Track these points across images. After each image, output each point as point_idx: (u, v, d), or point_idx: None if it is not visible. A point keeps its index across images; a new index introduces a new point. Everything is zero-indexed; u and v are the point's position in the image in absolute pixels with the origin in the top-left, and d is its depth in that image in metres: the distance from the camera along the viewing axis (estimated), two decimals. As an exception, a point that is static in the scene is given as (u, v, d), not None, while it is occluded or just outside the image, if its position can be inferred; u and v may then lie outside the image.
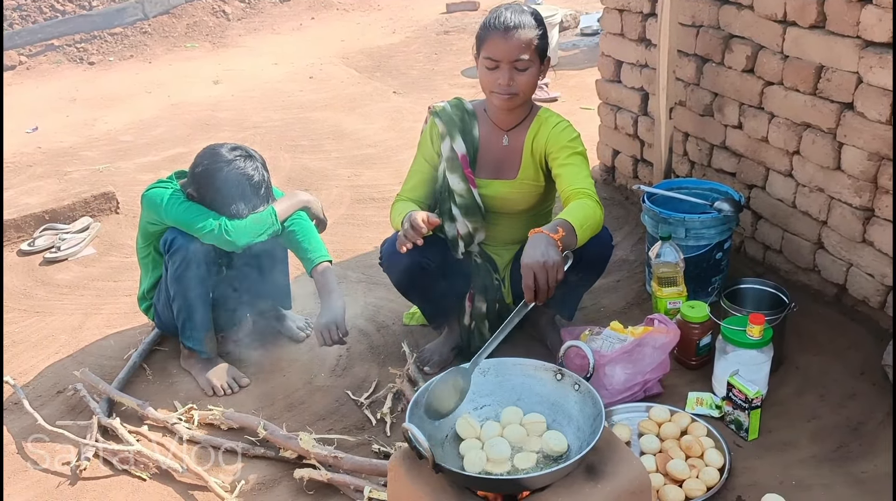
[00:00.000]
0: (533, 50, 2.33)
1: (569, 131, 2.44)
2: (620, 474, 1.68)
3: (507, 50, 2.30)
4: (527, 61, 2.33)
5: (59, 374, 2.84)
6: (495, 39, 2.31)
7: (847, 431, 2.30)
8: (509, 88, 2.34)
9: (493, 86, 2.36)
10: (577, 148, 2.41)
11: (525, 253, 1.94)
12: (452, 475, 1.63)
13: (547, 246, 1.94)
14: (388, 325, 3.01)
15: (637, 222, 3.44)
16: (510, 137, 2.51)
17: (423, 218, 2.22)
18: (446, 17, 7.99)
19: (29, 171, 4.77)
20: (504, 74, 2.33)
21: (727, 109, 3.05)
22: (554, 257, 1.91)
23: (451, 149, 2.49)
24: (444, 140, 2.50)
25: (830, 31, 2.54)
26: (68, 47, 7.44)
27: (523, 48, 2.31)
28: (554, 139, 2.43)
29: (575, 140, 2.43)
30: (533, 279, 1.89)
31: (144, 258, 2.73)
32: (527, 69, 2.34)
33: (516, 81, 2.34)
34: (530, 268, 1.90)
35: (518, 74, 2.34)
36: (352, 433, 2.45)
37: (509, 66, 2.32)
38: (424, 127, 2.63)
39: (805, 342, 2.67)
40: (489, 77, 2.36)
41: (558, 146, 2.41)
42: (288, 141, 5.06)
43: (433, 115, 2.54)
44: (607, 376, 2.45)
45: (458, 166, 2.49)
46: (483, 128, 2.53)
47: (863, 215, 2.59)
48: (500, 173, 2.54)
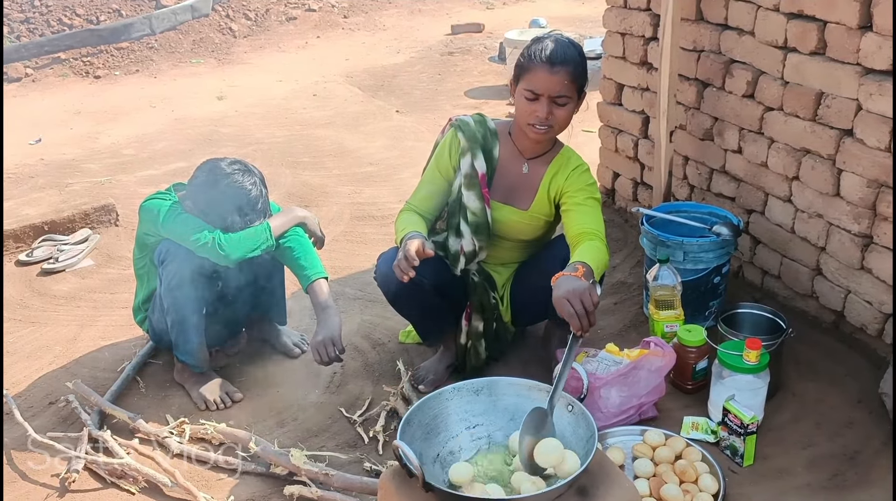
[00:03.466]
0: (574, 87, 2.33)
1: (588, 175, 2.48)
2: (612, 497, 1.66)
3: (549, 85, 2.29)
4: (567, 97, 2.32)
5: (51, 385, 2.82)
6: (539, 72, 2.29)
7: (843, 459, 2.28)
8: (546, 122, 2.33)
9: (531, 118, 2.35)
10: (594, 193, 2.44)
11: (554, 293, 1.97)
12: (442, 494, 1.61)
13: (572, 281, 1.97)
14: (384, 343, 3.00)
15: (636, 245, 3.43)
16: (530, 166, 2.51)
17: (417, 249, 2.22)
18: (451, 39, 8.04)
19: (30, 182, 4.78)
20: (543, 107, 2.31)
21: (727, 134, 3.06)
22: (583, 285, 1.95)
23: (471, 166, 2.48)
24: (464, 156, 2.49)
25: (831, 57, 2.55)
26: (74, 61, 7.48)
27: (566, 84, 2.30)
28: (573, 180, 2.45)
29: (593, 185, 2.46)
30: (571, 307, 1.90)
31: (140, 270, 2.73)
32: (566, 105, 2.34)
33: (554, 115, 2.33)
34: (564, 299, 1.92)
35: (557, 109, 2.33)
36: (344, 450, 2.43)
37: (549, 100, 2.31)
38: (440, 137, 2.61)
39: (802, 368, 2.66)
40: (527, 108, 2.34)
41: (576, 188, 2.44)
42: (289, 157, 5.07)
43: (455, 128, 2.52)
44: (602, 398, 2.43)
45: (476, 184, 2.48)
46: (504, 150, 2.53)
47: (861, 241, 2.58)
48: (513, 200, 2.54)
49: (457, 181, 2.51)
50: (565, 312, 1.91)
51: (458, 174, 2.51)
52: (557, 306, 1.93)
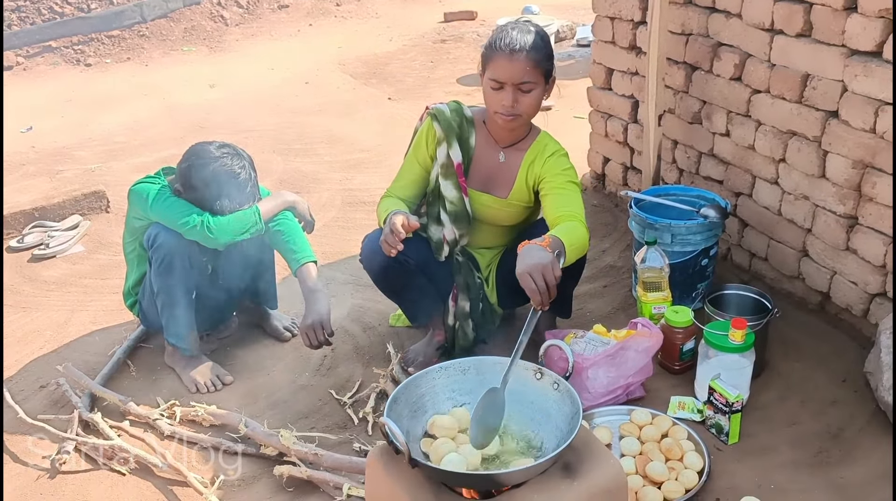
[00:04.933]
0: (538, 72, 2.32)
1: (565, 160, 2.47)
2: (596, 472, 1.68)
3: (511, 72, 2.29)
4: (531, 83, 2.32)
5: (42, 369, 2.83)
6: (500, 61, 2.30)
7: (827, 437, 2.31)
8: (513, 110, 2.34)
9: (497, 106, 2.35)
10: (572, 177, 2.44)
11: (518, 265, 1.95)
12: (429, 470, 1.63)
13: (537, 251, 1.96)
14: (374, 326, 3.01)
15: (625, 230, 3.45)
16: (507, 154, 2.52)
17: (403, 222, 2.23)
18: (444, 26, 8.02)
19: (22, 170, 4.78)
20: (508, 95, 2.31)
21: (715, 117, 3.07)
22: (546, 258, 1.93)
23: (447, 156, 2.49)
24: (440, 146, 2.49)
25: (816, 39, 2.56)
26: (66, 49, 7.45)
27: (528, 71, 2.29)
28: (550, 166, 2.45)
29: (570, 170, 2.46)
30: (533, 283, 1.89)
31: (130, 254, 2.73)
32: (531, 91, 2.34)
33: (520, 102, 2.33)
34: (526, 273, 1.91)
35: (522, 96, 2.33)
36: (334, 431, 2.45)
37: (514, 87, 2.31)
38: (419, 125, 2.62)
39: (788, 348, 2.68)
40: (493, 97, 2.35)
41: (553, 173, 2.43)
42: (281, 145, 5.07)
43: (431, 117, 2.52)
44: (590, 379, 2.45)
45: (452, 174, 2.49)
46: (480, 138, 2.53)
47: (847, 222, 2.60)
48: (491, 188, 2.54)
49: (434, 171, 2.52)
50: (527, 287, 1.90)
51: (436, 164, 2.51)
52: (521, 280, 1.92)
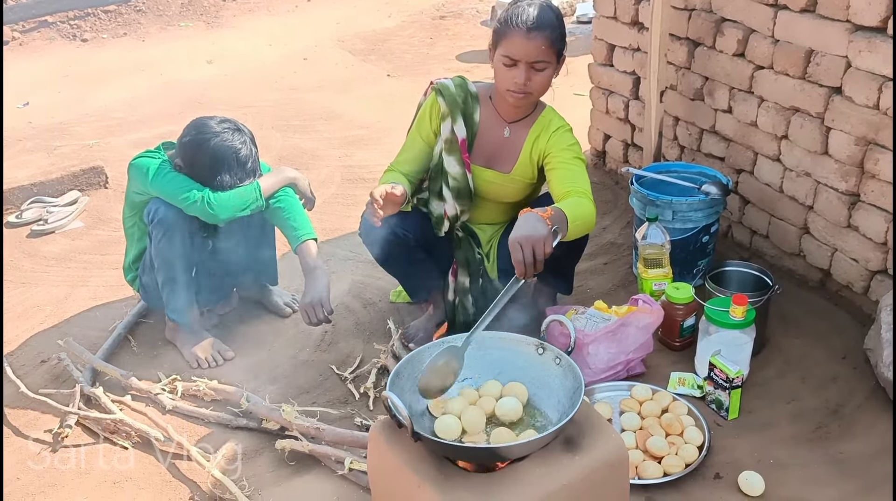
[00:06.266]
0: (552, 51, 2.30)
1: (571, 135, 2.46)
2: (598, 446, 1.69)
3: (526, 50, 2.26)
4: (545, 63, 2.30)
5: (43, 344, 2.84)
6: (516, 38, 2.26)
7: (826, 413, 2.32)
8: (525, 88, 2.31)
9: (509, 83, 2.32)
10: (578, 153, 2.42)
11: (512, 232, 1.92)
12: (431, 443, 1.64)
13: (535, 222, 1.92)
14: (375, 302, 3.01)
15: (626, 207, 3.44)
16: (512, 129, 2.50)
17: (382, 192, 2.20)
18: (442, 3, 7.95)
19: (18, 145, 4.75)
20: (521, 73, 2.29)
21: (717, 94, 3.05)
22: (541, 231, 1.89)
23: (451, 131, 2.47)
24: (444, 121, 2.47)
25: (821, 14, 2.54)
26: (62, 24, 7.39)
27: (543, 49, 2.27)
28: (556, 141, 2.43)
29: (576, 145, 2.44)
30: (521, 253, 1.88)
31: (130, 229, 2.72)
32: (544, 70, 2.31)
33: (533, 80, 2.31)
34: (517, 242, 1.88)
35: (535, 74, 2.31)
36: (335, 406, 2.46)
37: (527, 65, 2.28)
38: (422, 100, 2.59)
39: (788, 325, 2.69)
40: (505, 74, 2.32)
41: (559, 148, 2.42)
42: (280, 121, 5.04)
43: (435, 92, 2.49)
44: (591, 355, 2.45)
45: (456, 149, 2.47)
46: (484, 113, 2.51)
47: (848, 200, 2.59)
48: (495, 164, 2.53)
49: (438, 146, 2.51)
50: (514, 256, 1.87)
51: (439, 139, 2.50)
52: (510, 247, 1.89)
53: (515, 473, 1.61)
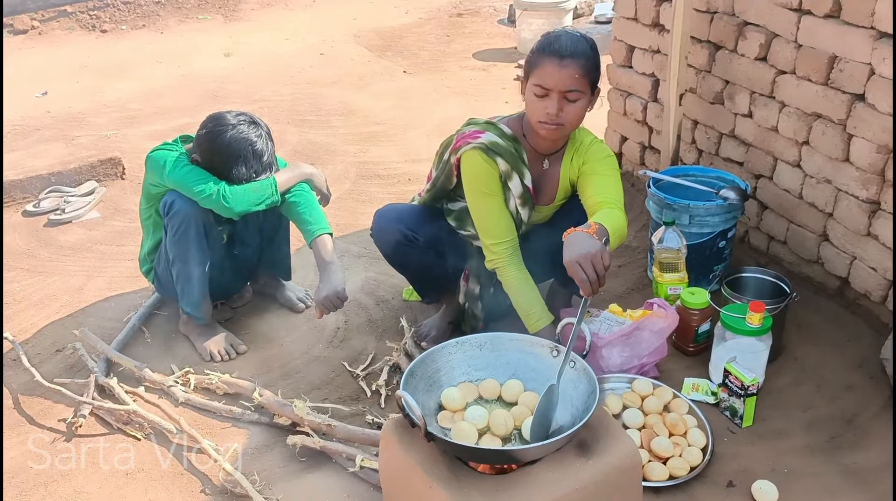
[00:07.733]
0: (586, 81, 2.22)
1: (604, 146, 2.43)
2: (611, 451, 1.68)
3: (559, 79, 2.18)
4: (578, 93, 2.21)
5: (58, 333, 2.85)
6: (549, 67, 2.19)
7: (841, 422, 2.30)
8: (557, 119, 2.23)
9: (541, 115, 2.23)
10: (613, 164, 2.39)
11: (565, 253, 1.91)
12: (444, 444, 1.64)
13: (586, 239, 1.92)
14: (388, 299, 3.01)
15: (642, 209, 3.42)
16: (550, 160, 2.45)
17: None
18: (460, 0, 7.94)
19: (37, 134, 4.77)
20: (553, 103, 2.20)
21: (738, 98, 3.03)
22: (595, 246, 1.89)
23: (521, 185, 2.40)
24: (511, 179, 2.39)
25: (845, 20, 2.51)
26: (81, 14, 7.42)
27: (577, 79, 2.19)
28: (592, 153, 2.39)
29: (611, 157, 2.40)
30: (583, 272, 1.86)
31: (146, 220, 2.73)
32: (577, 101, 2.23)
33: (565, 111, 2.22)
34: (576, 262, 1.87)
35: (568, 105, 2.22)
36: (346, 403, 2.46)
37: (559, 95, 2.20)
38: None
39: (805, 333, 2.67)
40: (537, 105, 2.23)
41: (596, 158, 2.38)
42: (296, 115, 5.05)
43: (486, 153, 2.34)
44: (604, 358, 2.45)
45: (529, 199, 2.42)
46: (527, 151, 2.43)
47: (869, 208, 2.57)
48: (541, 199, 2.49)
49: (511, 203, 2.43)
50: (577, 276, 1.87)
51: (510, 195, 2.41)
52: (569, 269, 1.88)
53: (527, 476, 1.61)
